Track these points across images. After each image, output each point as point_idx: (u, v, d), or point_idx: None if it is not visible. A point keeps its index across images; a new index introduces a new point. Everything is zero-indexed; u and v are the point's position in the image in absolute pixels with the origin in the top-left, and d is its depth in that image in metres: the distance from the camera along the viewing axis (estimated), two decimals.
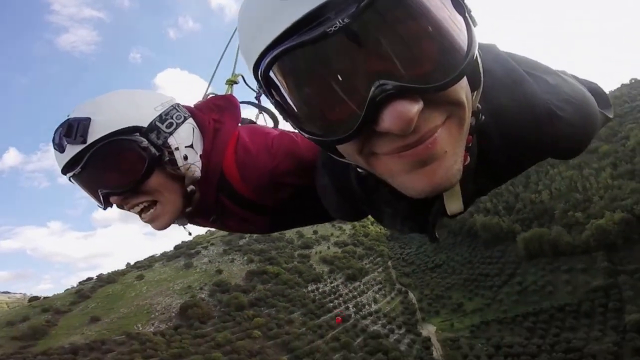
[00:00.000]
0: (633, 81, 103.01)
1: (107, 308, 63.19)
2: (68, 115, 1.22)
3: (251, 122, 1.79)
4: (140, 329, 55.35)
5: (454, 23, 0.60)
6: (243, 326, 55.30)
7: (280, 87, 0.63)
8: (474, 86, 0.70)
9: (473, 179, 0.94)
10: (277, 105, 0.66)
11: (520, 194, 71.53)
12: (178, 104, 1.37)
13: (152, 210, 1.31)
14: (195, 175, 1.34)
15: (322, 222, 1.74)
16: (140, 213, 1.32)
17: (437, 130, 0.63)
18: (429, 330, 55.55)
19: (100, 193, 1.24)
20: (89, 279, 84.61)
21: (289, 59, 0.58)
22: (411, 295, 67.20)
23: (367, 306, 64.13)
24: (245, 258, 78.56)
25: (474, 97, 0.73)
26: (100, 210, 1.35)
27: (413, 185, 0.69)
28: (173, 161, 1.28)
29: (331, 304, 63.59)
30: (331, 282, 70.79)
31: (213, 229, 2.24)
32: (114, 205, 1.29)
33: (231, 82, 1.89)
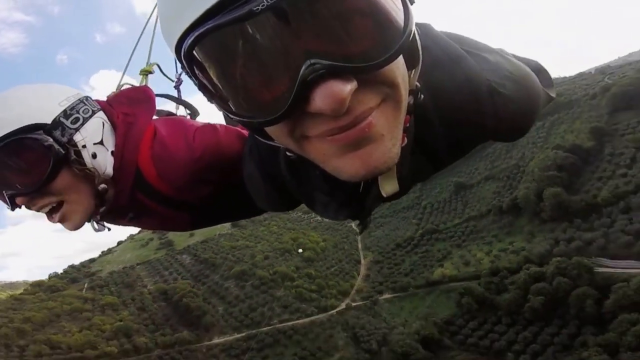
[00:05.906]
0: None
1: (190, 233, 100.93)
2: None
3: (169, 113, 1.69)
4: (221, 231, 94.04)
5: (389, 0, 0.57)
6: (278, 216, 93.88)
7: (205, 67, 0.57)
8: (411, 64, 0.67)
9: (410, 162, 0.91)
10: (202, 87, 0.60)
11: None
12: (87, 97, 1.27)
13: (61, 210, 1.23)
14: (106, 174, 1.25)
15: (249, 217, 1.68)
16: (49, 213, 1.24)
17: (371, 113, 0.59)
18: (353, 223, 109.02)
19: (5, 195, 1.15)
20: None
21: (214, 39, 0.53)
22: None
23: None
24: None
25: (412, 76, 0.69)
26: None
27: (347, 169, 0.64)
28: (80, 160, 1.18)
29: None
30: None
31: None
32: (23, 206, 1.21)
33: (146, 72, 1.70)
